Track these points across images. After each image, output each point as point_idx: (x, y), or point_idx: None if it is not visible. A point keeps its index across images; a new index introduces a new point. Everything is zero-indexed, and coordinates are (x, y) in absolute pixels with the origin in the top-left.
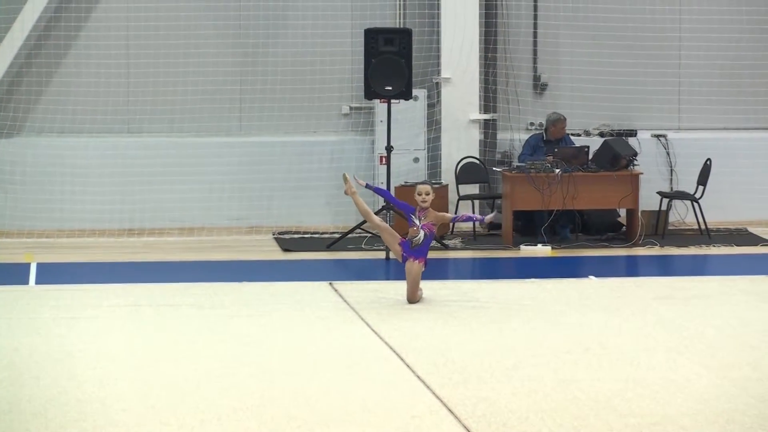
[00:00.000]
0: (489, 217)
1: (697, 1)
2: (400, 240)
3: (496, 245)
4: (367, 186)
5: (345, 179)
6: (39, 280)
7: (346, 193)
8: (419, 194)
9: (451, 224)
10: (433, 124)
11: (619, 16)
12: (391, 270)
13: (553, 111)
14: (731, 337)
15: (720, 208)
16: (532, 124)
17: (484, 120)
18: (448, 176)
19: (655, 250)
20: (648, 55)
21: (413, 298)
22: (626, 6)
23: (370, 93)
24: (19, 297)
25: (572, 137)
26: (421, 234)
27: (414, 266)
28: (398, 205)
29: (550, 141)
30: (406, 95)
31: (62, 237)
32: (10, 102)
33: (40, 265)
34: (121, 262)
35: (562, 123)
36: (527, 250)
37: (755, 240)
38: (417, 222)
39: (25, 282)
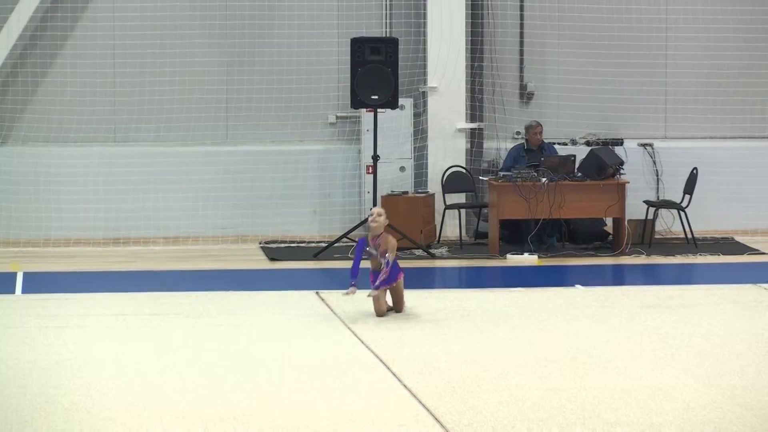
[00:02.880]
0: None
1: (683, 11)
2: (371, 277)
3: (482, 254)
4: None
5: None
6: (25, 289)
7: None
8: (370, 215)
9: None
10: (420, 133)
11: (606, 26)
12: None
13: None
14: (718, 346)
15: (706, 217)
16: (518, 133)
17: (471, 129)
18: (434, 185)
19: (642, 259)
20: (634, 64)
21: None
22: (613, 15)
23: (357, 102)
24: (5, 306)
25: (558, 146)
26: (381, 262)
27: (399, 285)
28: (357, 255)
29: (532, 150)
30: (393, 104)
31: (48, 246)
32: None
33: (26, 274)
34: (107, 271)
35: (534, 129)
36: (514, 259)
37: (741, 249)
38: (374, 252)
39: (12, 291)
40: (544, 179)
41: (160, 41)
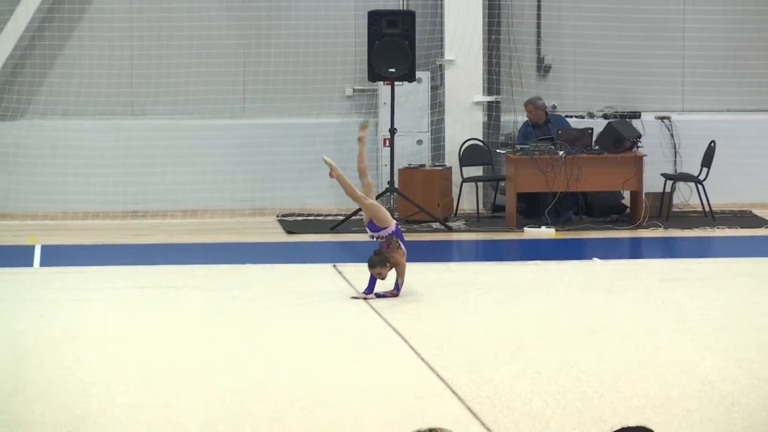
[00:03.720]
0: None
1: None
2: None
3: (499, 227)
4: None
5: (328, 164)
6: (43, 263)
7: (331, 176)
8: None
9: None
10: (437, 106)
11: None
12: None
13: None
14: (735, 319)
15: (724, 190)
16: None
17: (488, 102)
18: (451, 158)
19: (659, 232)
20: (652, 36)
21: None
22: None
23: (374, 75)
24: (23, 279)
25: (576, 119)
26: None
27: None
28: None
29: (538, 125)
30: (410, 77)
31: (66, 219)
32: (14, 84)
33: (44, 248)
34: (125, 244)
35: (526, 107)
36: (531, 233)
37: (759, 222)
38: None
39: (30, 264)
40: (561, 152)
41: (177, 14)
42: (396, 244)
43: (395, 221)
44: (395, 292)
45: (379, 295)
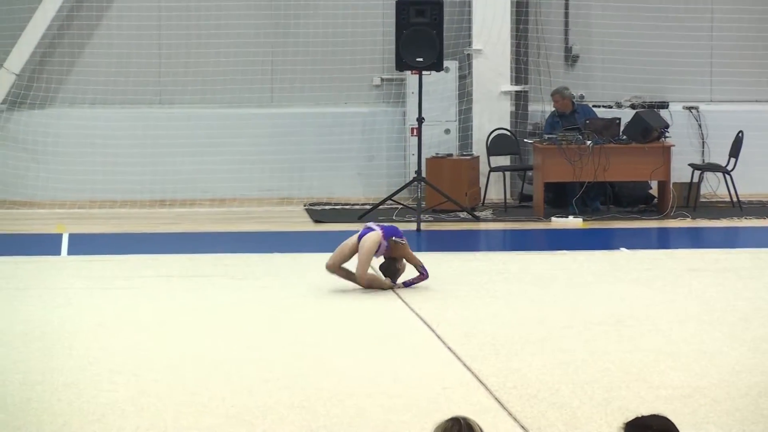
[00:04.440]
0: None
1: None
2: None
3: (527, 217)
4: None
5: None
6: (71, 251)
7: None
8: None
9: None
10: (465, 95)
11: None
12: (422, 242)
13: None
14: (762, 310)
15: (752, 181)
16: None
17: (516, 92)
18: (479, 148)
19: (687, 222)
20: (680, 26)
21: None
22: None
23: (402, 64)
24: (51, 267)
25: (603, 109)
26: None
27: (371, 236)
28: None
29: (564, 114)
30: (438, 67)
31: (94, 208)
32: (42, 73)
33: (72, 236)
34: (152, 233)
35: (553, 97)
36: (558, 222)
37: None
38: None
39: (57, 252)
40: (589, 142)
41: (205, 3)
42: (394, 242)
43: (378, 226)
44: (423, 274)
45: (407, 284)
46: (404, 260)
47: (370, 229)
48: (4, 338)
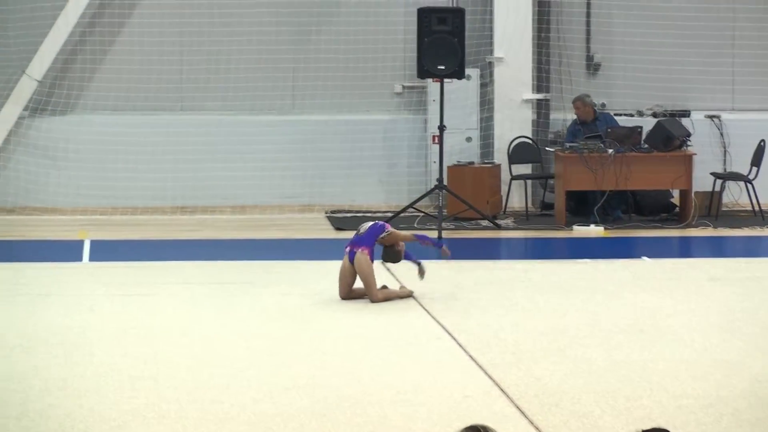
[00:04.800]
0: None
1: None
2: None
3: (548, 225)
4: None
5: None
6: (93, 257)
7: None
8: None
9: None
10: (486, 103)
11: None
12: None
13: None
14: None
15: None
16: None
17: (537, 100)
18: (500, 156)
19: (709, 231)
20: (702, 35)
21: (374, 297)
22: None
23: (423, 72)
24: (72, 274)
25: (625, 117)
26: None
27: (361, 258)
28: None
29: (586, 123)
30: (459, 74)
31: (116, 214)
32: (64, 80)
33: (93, 242)
34: (173, 239)
35: (574, 104)
36: (580, 231)
37: None
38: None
39: (79, 259)
40: (610, 150)
41: (227, 10)
42: (381, 240)
43: (359, 242)
44: (426, 240)
45: (428, 239)
46: (400, 243)
47: (353, 252)
48: (26, 344)
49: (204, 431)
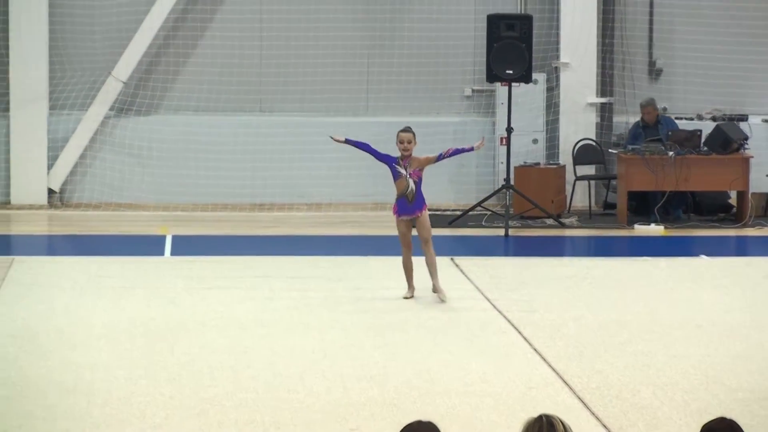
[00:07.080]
0: (478, 144)
1: None
2: (395, 206)
3: (610, 224)
4: (347, 141)
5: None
6: (174, 252)
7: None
8: (400, 142)
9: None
10: (552, 106)
11: (734, 4)
12: (510, 247)
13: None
14: None
15: None
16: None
17: (601, 103)
18: (565, 157)
19: (765, 231)
20: (760, 42)
21: (430, 253)
22: None
23: (492, 76)
24: (154, 267)
25: (685, 121)
26: (411, 183)
27: (423, 217)
28: (379, 156)
29: (648, 126)
30: (527, 79)
31: (196, 211)
32: (148, 81)
33: (175, 237)
34: (252, 235)
35: (644, 108)
36: (641, 230)
37: None
38: (403, 171)
39: (161, 253)
40: (671, 153)
41: (305, 15)
42: (409, 163)
43: (414, 191)
44: (457, 149)
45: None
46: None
47: (415, 211)
48: (110, 334)
49: (279, 419)
